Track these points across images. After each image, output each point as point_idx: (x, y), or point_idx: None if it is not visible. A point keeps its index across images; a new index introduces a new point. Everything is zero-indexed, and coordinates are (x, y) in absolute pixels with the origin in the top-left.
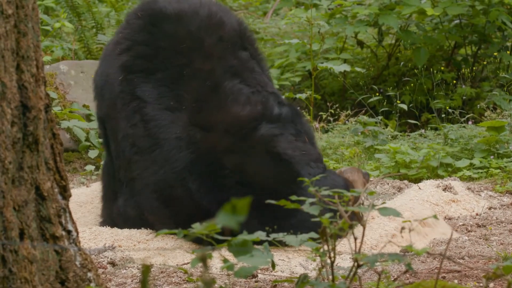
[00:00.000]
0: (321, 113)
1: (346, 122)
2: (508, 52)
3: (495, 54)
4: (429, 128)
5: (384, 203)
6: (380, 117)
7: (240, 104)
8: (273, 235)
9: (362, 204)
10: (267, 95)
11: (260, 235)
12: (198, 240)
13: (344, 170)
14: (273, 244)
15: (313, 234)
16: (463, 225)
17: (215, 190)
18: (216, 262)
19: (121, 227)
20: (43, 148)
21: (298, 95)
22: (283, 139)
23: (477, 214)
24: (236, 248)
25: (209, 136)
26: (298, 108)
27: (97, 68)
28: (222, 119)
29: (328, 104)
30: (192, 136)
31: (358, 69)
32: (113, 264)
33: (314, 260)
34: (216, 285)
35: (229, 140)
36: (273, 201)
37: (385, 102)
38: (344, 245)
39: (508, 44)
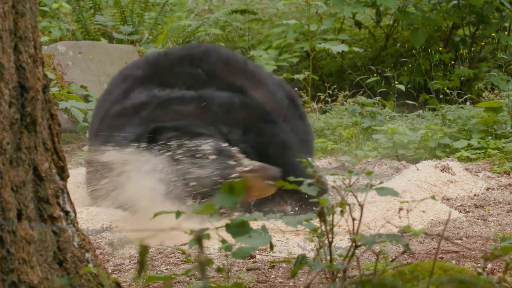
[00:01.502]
0: (319, 93)
1: (344, 103)
2: (506, 32)
3: (493, 34)
4: (427, 108)
5: (381, 183)
6: (378, 98)
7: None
8: (270, 216)
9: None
10: None
11: (257, 216)
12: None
13: (253, 169)
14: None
15: (311, 215)
16: (461, 205)
17: None
18: (214, 243)
19: None
20: (41, 129)
21: (296, 76)
22: None
23: (475, 195)
24: (234, 229)
25: None
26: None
27: None
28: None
29: (326, 84)
30: None
31: (356, 50)
32: (111, 244)
33: (312, 241)
34: (213, 265)
35: None
36: (271, 182)
37: (383, 83)
38: (342, 226)
39: (506, 24)
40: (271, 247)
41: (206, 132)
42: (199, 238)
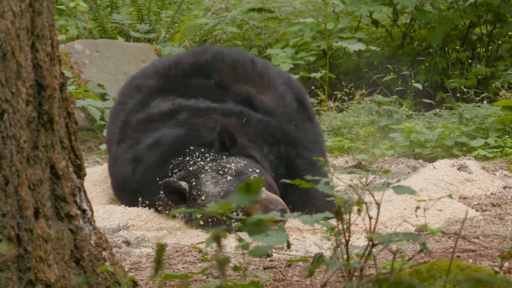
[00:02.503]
0: (335, 92)
1: (361, 101)
2: None
3: (510, 33)
4: (444, 107)
5: (398, 181)
6: (395, 97)
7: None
8: (287, 215)
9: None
10: None
11: (275, 214)
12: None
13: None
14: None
15: (328, 214)
16: (478, 204)
17: None
18: (231, 242)
19: None
20: (58, 127)
21: (312, 74)
22: None
23: (492, 194)
24: (251, 228)
25: None
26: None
27: None
28: None
29: (342, 83)
30: None
31: (373, 48)
32: (127, 243)
33: (329, 240)
34: (230, 264)
35: None
36: (287, 180)
37: (399, 82)
38: (359, 225)
39: None
40: (288, 245)
41: (257, 157)
42: (216, 236)
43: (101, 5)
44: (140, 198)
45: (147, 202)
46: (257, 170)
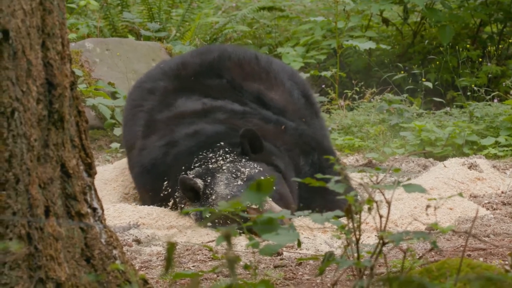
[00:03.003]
0: (346, 90)
1: (371, 100)
2: None
3: None
4: (454, 106)
5: (409, 180)
6: (405, 95)
7: None
8: (298, 213)
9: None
10: None
11: (285, 213)
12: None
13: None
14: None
15: (338, 212)
16: (489, 203)
17: None
18: (241, 240)
19: None
20: (69, 126)
21: (323, 73)
22: None
23: (502, 192)
24: (262, 226)
25: None
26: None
27: None
28: None
29: (353, 81)
30: None
31: (383, 47)
32: (138, 241)
33: (340, 238)
34: (241, 263)
35: None
36: (298, 179)
37: (410, 80)
38: (369, 223)
39: None
40: (299, 244)
41: (280, 166)
42: (227, 235)
43: (112, 3)
44: (165, 183)
45: (169, 190)
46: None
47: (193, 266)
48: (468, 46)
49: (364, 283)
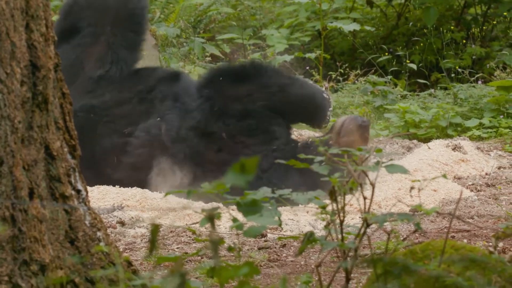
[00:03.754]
0: (330, 72)
1: (356, 81)
2: None
3: (505, 13)
4: (438, 87)
5: (391, 160)
6: (389, 77)
7: None
8: (279, 192)
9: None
10: None
11: (266, 192)
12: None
13: (340, 124)
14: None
15: (321, 192)
16: (473, 184)
17: None
18: (225, 222)
19: None
20: (53, 108)
21: (307, 55)
22: None
23: (486, 174)
24: (245, 208)
25: None
26: None
27: None
28: None
29: (337, 63)
30: None
31: (367, 28)
32: (122, 223)
33: (324, 220)
34: (225, 244)
35: None
36: (282, 161)
37: (394, 62)
38: (353, 205)
39: None
40: (280, 224)
41: (276, 132)
42: (210, 216)
43: None
44: None
45: None
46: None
47: (177, 248)
48: (452, 28)
49: (348, 264)
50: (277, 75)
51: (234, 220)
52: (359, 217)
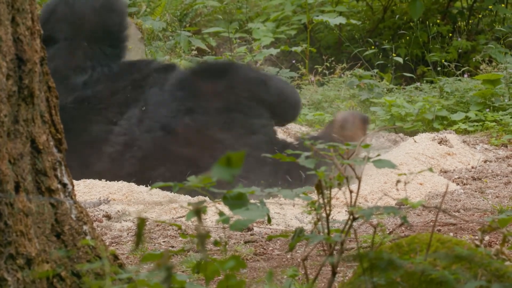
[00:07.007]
0: (316, 66)
1: (342, 75)
2: (503, 5)
3: (491, 7)
4: (424, 81)
5: (379, 155)
6: (375, 70)
7: None
8: (268, 189)
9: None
10: None
11: (255, 188)
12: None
13: (342, 118)
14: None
15: (308, 188)
16: (459, 178)
17: None
18: (211, 215)
19: None
20: (39, 101)
21: (293, 48)
22: None
23: (472, 167)
24: (232, 201)
25: None
26: None
27: None
28: None
29: (323, 57)
30: None
31: (353, 22)
32: (108, 217)
33: (310, 214)
34: (211, 238)
35: None
36: (268, 155)
37: (380, 55)
38: (339, 198)
39: None
40: (269, 220)
41: (254, 125)
42: (197, 210)
43: None
44: None
45: None
46: None
47: (164, 241)
48: (438, 21)
49: (334, 258)
50: (255, 70)
51: (221, 214)
52: (345, 210)
